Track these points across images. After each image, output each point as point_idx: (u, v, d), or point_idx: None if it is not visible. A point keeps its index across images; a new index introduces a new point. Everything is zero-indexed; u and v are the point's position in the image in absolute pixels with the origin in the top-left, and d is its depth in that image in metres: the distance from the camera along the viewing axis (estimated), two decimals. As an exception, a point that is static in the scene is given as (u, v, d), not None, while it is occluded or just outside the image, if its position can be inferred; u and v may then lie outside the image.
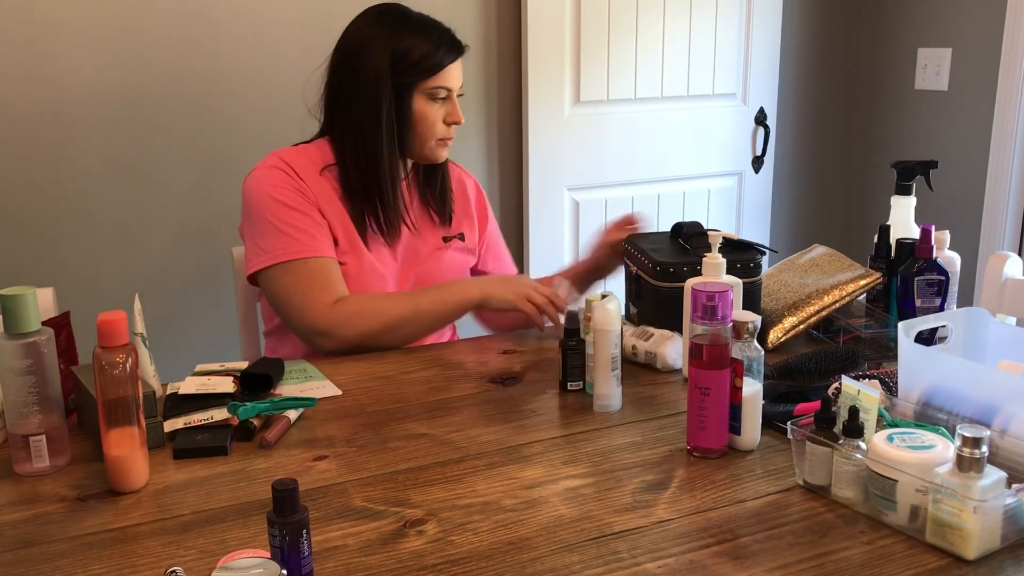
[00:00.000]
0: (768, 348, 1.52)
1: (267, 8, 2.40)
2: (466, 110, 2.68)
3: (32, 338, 1.12)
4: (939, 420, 1.11)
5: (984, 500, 0.92)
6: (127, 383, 1.08)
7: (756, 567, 0.94)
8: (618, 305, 1.32)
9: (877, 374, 1.31)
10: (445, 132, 1.66)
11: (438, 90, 1.62)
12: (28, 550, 0.98)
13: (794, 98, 3.24)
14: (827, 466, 1.06)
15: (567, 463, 1.17)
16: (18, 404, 1.13)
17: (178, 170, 2.40)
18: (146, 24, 2.30)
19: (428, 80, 1.61)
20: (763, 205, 3.17)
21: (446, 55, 1.62)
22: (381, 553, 0.97)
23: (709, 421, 1.16)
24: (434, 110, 1.63)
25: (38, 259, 2.30)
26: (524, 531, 1.01)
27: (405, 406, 1.36)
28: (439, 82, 1.62)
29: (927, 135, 3.01)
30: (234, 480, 1.13)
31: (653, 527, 1.01)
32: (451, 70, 1.63)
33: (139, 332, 1.26)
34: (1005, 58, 2.72)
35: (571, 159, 2.80)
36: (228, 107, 2.42)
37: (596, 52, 2.75)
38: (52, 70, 2.23)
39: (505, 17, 2.69)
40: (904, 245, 1.60)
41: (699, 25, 2.89)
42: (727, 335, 1.15)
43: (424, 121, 1.63)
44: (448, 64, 1.62)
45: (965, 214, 2.89)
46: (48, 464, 1.15)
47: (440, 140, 1.66)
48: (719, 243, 1.42)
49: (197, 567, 0.94)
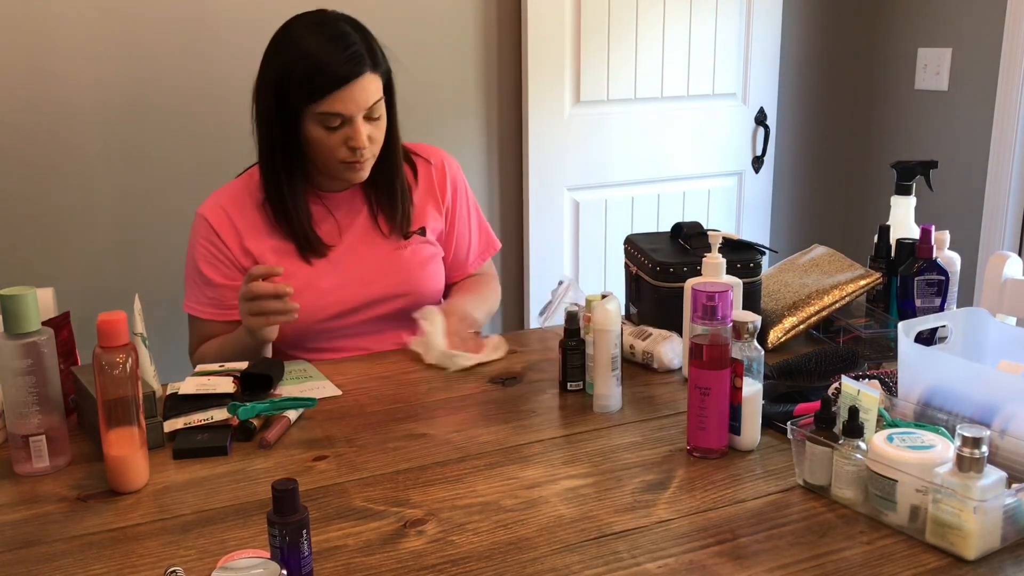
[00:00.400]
0: (768, 348, 1.52)
1: (267, 8, 2.40)
2: (466, 110, 2.69)
3: (32, 338, 1.12)
4: (939, 420, 1.11)
5: (984, 500, 0.92)
6: (127, 383, 1.08)
7: (756, 567, 0.94)
8: (618, 305, 1.32)
9: (877, 374, 1.31)
10: (349, 156, 1.51)
11: (327, 117, 1.47)
12: (28, 550, 0.98)
13: (794, 98, 3.24)
14: (827, 466, 1.06)
15: (567, 463, 1.17)
16: (18, 404, 1.13)
17: (178, 170, 2.40)
18: (147, 25, 2.30)
19: (315, 105, 1.46)
20: (763, 205, 3.17)
21: (334, 78, 1.44)
22: (381, 553, 0.97)
23: (709, 421, 1.16)
24: (328, 136, 1.49)
25: (38, 259, 2.30)
26: (524, 531, 1.01)
27: (405, 406, 1.36)
28: (327, 108, 1.46)
29: (927, 135, 3.01)
30: (234, 480, 1.13)
31: (653, 527, 1.01)
32: (343, 94, 1.45)
33: (139, 332, 1.26)
34: (1005, 58, 2.72)
35: (571, 159, 2.80)
36: (228, 107, 2.42)
37: (596, 52, 2.75)
38: (52, 70, 2.23)
39: (505, 17, 2.69)
40: (904, 245, 1.60)
41: (699, 25, 2.89)
42: (727, 335, 1.15)
43: (320, 146, 1.50)
44: (337, 88, 1.45)
45: (965, 214, 2.89)
46: (48, 464, 1.15)
47: (344, 163, 1.52)
48: (719, 243, 1.42)
49: (197, 567, 0.94)
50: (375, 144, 1.54)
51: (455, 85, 2.66)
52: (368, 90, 1.48)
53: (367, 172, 1.57)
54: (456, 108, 2.67)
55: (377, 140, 1.55)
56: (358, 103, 1.48)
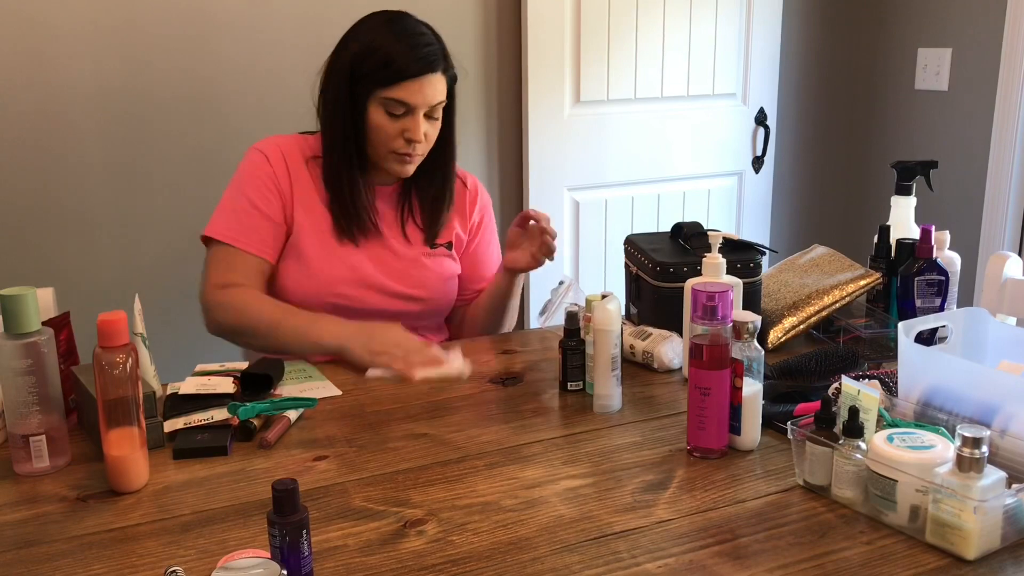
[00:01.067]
0: (768, 348, 1.52)
1: (267, 8, 2.40)
2: (466, 110, 2.69)
3: (32, 338, 1.12)
4: (939, 420, 1.11)
5: (984, 500, 0.92)
6: (127, 383, 1.08)
7: (756, 567, 0.94)
8: (618, 305, 1.32)
9: (877, 374, 1.31)
10: (403, 147, 1.58)
11: (393, 103, 1.55)
12: (28, 550, 0.98)
13: (794, 98, 3.24)
14: (827, 466, 1.06)
15: (567, 463, 1.17)
16: (18, 404, 1.13)
17: (178, 170, 2.40)
18: (146, 24, 2.30)
19: (384, 90, 1.54)
20: (763, 205, 3.17)
21: (408, 68, 1.53)
22: (381, 553, 0.97)
23: (709, 421, 1.16)
24: (388, 122, 1.56)
25: (38, 259, 2.30)
26: (524, 531, 1.01)
27: (405, 406, 1.36)
28: (394, 94, 1.54)
29: (927, 135, 3.01)
30: (234, 480, 1.13)
31: (653, 527, 1.01)
32: (413, 86, 1.54)
33: (139, 332, 1.26)
34: (1005, 58, 2.72)
35: (571, 159, 2.80)
36: (228, 107, 2.42)
37: (596, 52, 2.75)
38: (51, 70, 2.23)
39: (505, 17, 2.69)
40: (904, 245, 1.60)
41: (699, 25, 2.89)
42: (727, 335, 1.15)
43: (378, 131, 1.57)
44: (408, 79, 1.53)
45: (965, 214, 2.89)
46: (48, 464, 1.15)
47: (395, 154, 1.59)
48: (719, 243, 1.42)
49: (197, 567, 0.94)
50: (428, 142, 1.61)
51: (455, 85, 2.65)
52: (436, 88, 1.57)
53: (413, 168, 1.63)
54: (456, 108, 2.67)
55: (430, 140, 1.62)
56: (425, 97, 1.56)
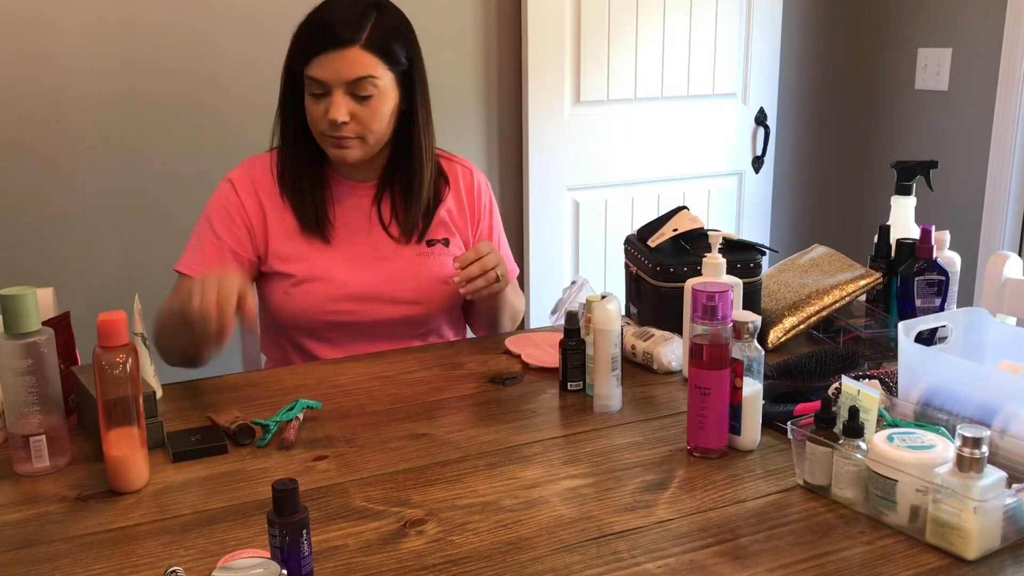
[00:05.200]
0: (768, 348, 1.52)
1: (267, 8, 2.40)
2: (466, 110, 2.69)
3: (32, 338, 1.12)
4: (939, 420, 1.11)
5: (984, 500, 0.92)
6: (127, 383, 1.08)
7: (756, 567, 0.94)
8: (618, 305, 1.32)
9: (877, 374, 1.31)
10: (328, 129, 1.48)
11: (311, 82, 1.46)
12: (28, 550, 0.98)
13: (794, 98, 3.24)
14: (827, 466, 1.06)
15: (567, 463, 1.17)
16: (18, 404, 1.13)
17: (178, 169, 2.40)
18: (146, 24, 2.30)
19: (305, 71, 1.47)
20: (763, 205, 3.17)
21: (314, 43, 1.44)
22: (381, 553, 0.97)
23: (709, 421, 1.16)
24: (312, 104, 1.48)
25: (38, 259, 2.30)
26: (524, 531, 1.01)
27: (405, 406, 1.36)
28: (310, 72, 1.45)
29: (927, 135, 3.01)
30: (234, 480, 1.13)
31: (653, 527, 1.01)
32: (322, 60, 1.44)
33: (139, 332, 1.26)
34: (1005, 58, 2.72)
35: (571, 159, 2.80)
36: (228, 107, 2.42)
37: (596, 52, 2.75)
38: (51, 70, 2.23)
39: (505, 17, 2.69)
40: (904, 245, 1.60)
41: (699, 25, 2.89)
42: (727, 335, 1.15)
43: (308, 115, 1.50)
44: (317, 54, 1.44)
45: (965, 214, 2.88)
46: (48, 464, 1.15)
47: (326, 137, 1.49)
48: (719, 243, 1.42)
49: (197, 567, 0.94)
50: (361, 125, 1.49)
51: (455, 85, 2.66)
52: (350, 63, 1.44)
53: (356, 153, 1.52)
54: (456, 108, 2.67)
55: (364, 121, 1.49)
56: (337, 73, 1.44)
